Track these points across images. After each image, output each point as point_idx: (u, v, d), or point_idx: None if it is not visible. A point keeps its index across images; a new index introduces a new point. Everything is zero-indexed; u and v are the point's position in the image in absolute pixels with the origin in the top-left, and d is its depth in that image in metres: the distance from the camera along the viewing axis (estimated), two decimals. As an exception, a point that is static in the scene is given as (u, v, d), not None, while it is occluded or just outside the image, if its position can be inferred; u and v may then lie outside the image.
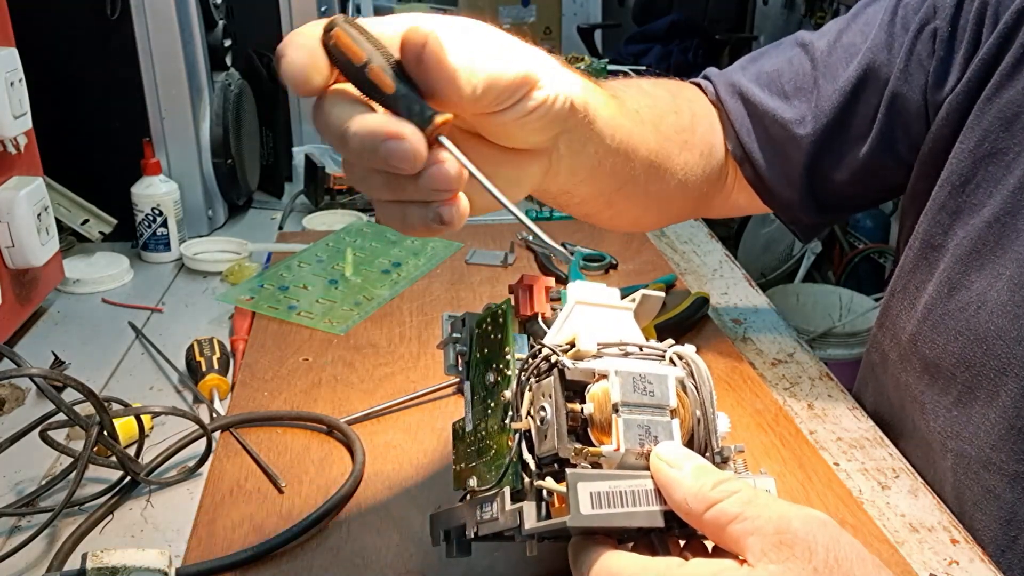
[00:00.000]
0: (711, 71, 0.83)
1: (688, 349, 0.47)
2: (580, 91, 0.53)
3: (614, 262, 1.06)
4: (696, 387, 0.45)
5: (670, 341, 0.48)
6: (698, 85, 0.81)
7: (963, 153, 0.66)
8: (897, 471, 0.68)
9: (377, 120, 0.41)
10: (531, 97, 0.47)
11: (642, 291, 0.55)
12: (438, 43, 0.40)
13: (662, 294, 0.57)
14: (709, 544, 0.44)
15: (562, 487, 0.41)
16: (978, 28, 0.66)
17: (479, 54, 0.44)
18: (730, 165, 0.79)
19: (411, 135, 0.40)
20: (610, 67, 1.55)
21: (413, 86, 0.41)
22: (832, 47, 0.75)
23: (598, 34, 3.95)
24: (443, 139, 0.42)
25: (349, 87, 0.43)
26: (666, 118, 0.71)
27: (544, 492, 0.42)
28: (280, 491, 0.65)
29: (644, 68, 1.85)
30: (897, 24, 0.71)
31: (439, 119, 0.41)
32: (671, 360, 0.46)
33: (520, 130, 0.49)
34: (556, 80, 0.50)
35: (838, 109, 0.73)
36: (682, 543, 0.44)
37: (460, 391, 0.78)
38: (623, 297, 0.52)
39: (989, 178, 0.64)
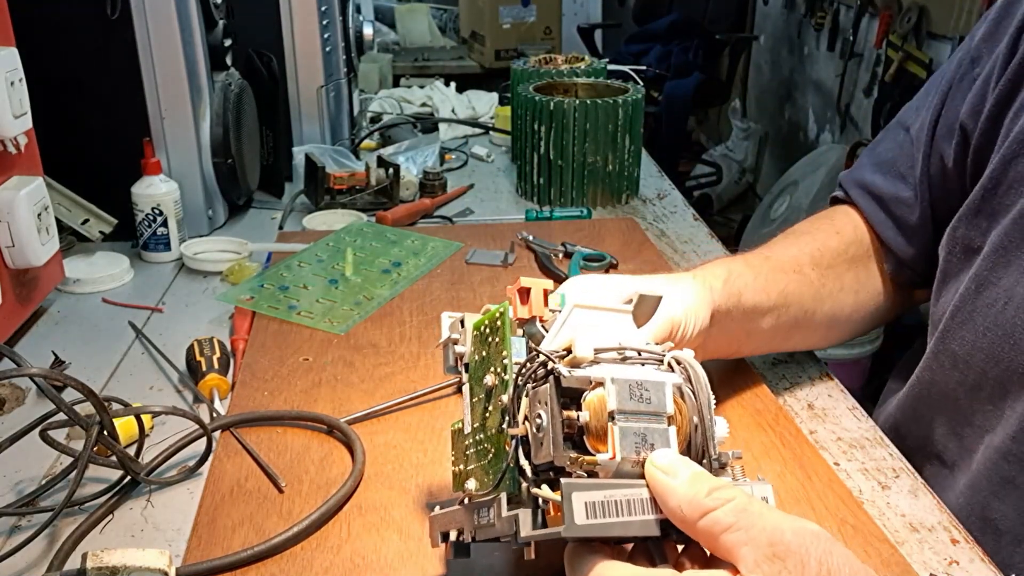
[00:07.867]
0: (843, 177, 0.86)
1: (687, 354, 0.46)
2: (721, 294, 0.67)
3: (614, 262, 1.06)
4: (694, 393, 0.45)
5: (668, 344, 0.48)
6: (837, 200, 0.85)
7: (996, 158, 0.67)
8: (897, 471, 0.68)
9: None
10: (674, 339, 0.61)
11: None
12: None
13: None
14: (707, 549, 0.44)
15: (557, 496, 0.40)
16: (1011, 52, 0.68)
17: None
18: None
19: None
20: (610, 67, 1.55)
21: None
22: (922, 125, 0.78)
23: (598, 34, 3.95)
24: None
25: None
26: (828, 243, 0.78)
27: (540, 500, 0.42)
28: (280, 491, 0.65)
29: (644, 68, 1.85)
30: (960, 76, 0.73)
31: None
32: (669, 365, 0.46)
33: None
34: (693, 311, 0.63)
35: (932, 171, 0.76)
36: (680, 548, 0.44)
37: (460, 391, 0.78)
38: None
39: (1018, 177, 0.65)
